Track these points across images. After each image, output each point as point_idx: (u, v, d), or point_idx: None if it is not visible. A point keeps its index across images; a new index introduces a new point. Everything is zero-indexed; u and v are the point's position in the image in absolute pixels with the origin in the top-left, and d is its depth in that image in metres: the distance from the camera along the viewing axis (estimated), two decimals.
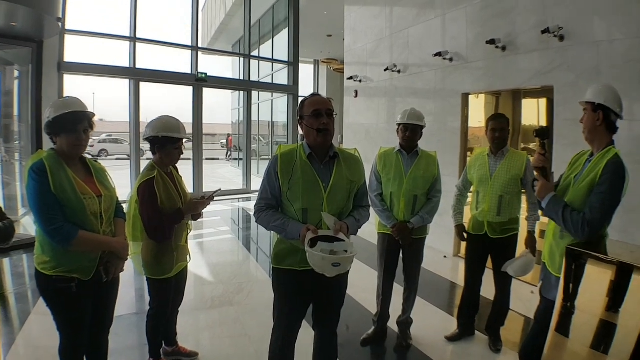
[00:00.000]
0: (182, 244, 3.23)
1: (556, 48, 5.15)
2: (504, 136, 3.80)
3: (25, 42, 7.64)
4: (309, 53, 21.16)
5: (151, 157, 3.24)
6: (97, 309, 2.63)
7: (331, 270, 2.26)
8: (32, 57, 7.89)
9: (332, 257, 2.26)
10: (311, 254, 2.26)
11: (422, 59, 7.58)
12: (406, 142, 3.89)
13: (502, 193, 3.72)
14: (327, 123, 2.49)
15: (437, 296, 5.15)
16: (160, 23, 15.40)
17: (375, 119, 9.19)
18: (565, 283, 2.29)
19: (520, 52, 5.66)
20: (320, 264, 2.27)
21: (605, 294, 2.11)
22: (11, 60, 8.24)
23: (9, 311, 4.62)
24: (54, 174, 2.34)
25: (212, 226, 8.83)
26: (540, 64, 5.38)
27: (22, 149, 8.30)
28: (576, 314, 2.23)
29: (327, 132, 2.50)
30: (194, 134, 12.44)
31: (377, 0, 9.05)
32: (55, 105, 2.49)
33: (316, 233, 2.36)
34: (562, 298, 2.29)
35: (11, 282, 5.44)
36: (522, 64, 5.65)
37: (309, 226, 2.38)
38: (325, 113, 2.49)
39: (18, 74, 8.46)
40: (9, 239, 2.29)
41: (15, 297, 4.91)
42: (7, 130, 8.34)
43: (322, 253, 2.29)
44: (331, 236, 2.39)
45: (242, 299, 5.00)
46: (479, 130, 6.69)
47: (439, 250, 6.73)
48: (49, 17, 6.57)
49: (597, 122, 2.45)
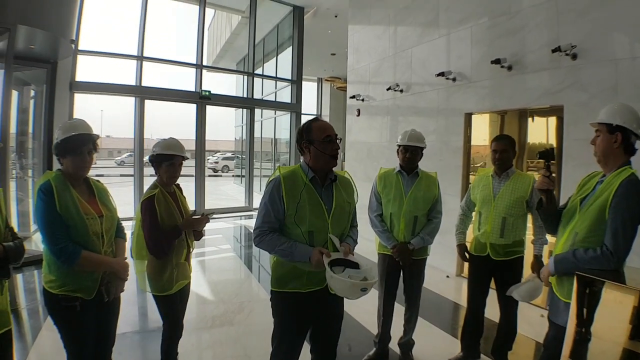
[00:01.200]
0: (182, 262, 3.22)
1: (568, 67, 5.09)
2: (506, 157, 3.75)
3: (41, 63, 7.87)
4: (312, 71, 21.27)
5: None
6: (100, 328, 2.65)
7: (358, 295, 2.33)
8: (46, 78, 8.12)
9: (361, 283, 2.33)
10: (336, 279, 2.32)
11: (425, 79, 7.60)
12: (406, 163, 3.89)
13: (505, 215, 3.68)
14: (338, 149, 2.57)
15: (440, 317, 5.09)
16: (166, 41, 15.56)
17: (377, 138, 9.21)
18: (578, 309, 2.21)
19: (528, 71, 5.63)
20: (348, 289, 2.35)
21: (628, 321, 2.03)
22: (28, 81, 8.48)
23: (22, 326, 4.65)
24: (59, 194, 2.41)
25: (214, 244, 8.80)
26: (549, 83, 5.34)
27: (34, 165, 8.48)
28: (592, 341, 2.16)
29: (337, 157, 2.58)
30: (197, 150, 12.50)
31: (381, 20, 9.12)
32: (63, 127, 2.57)
33: (329, 256, 2.39)
34: (575, 324, 2.22)
35: (24, 297, 5.48)
36: (529, 83, 5.62)
37: (321, 249, 2.42)
38: (338, 139, 2.58)
39: (34, 93, 8.71)
40: (20, 258, 2.29)
41: (28, 313, 4.97)
42: (22, 147, 8.52)
43: (350, 279, 2.35)
44: (343, 259, 2.45)
45: (243, 318, 4.96)
46: (483, 148, 6.68)
47: (441, 269, 6.67)
48: (64, 39, 6.74)
49: (614, 143, 2.36)
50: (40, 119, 8.39)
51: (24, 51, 6.92)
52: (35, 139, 8.54)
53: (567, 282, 2.39)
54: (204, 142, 12.58)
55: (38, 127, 8.46)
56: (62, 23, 6.61)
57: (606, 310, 2.13)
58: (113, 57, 11.28)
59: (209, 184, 13.64)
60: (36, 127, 8.56)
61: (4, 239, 2.29)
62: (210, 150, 36.74)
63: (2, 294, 2.23)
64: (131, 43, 11.40)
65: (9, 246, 2.21)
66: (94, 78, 10.73)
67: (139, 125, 11.29)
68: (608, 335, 2.14)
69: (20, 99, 8.38)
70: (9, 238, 2.33)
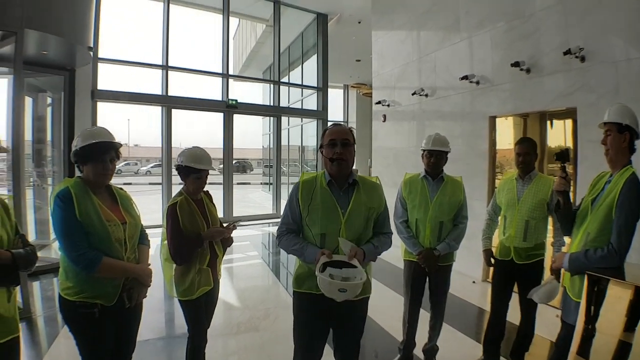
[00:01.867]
0: (205, 268, 3.23)
1: (577, 69, 5.11)
2: (528, 160, 3.73)
3: (57, 70, 7.84)
4: (338, 78, 21.29)
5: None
6: (120, 335, 2.66)
7: (338, 295, 2.33)
8: (64, 85, 8.12)
9: (338, 283, 2.32)
10: (320, 278, 2.34)
11: (449, 83, 7.58)
12: (431, 168, 3.87)
13: (528, 218, 3.66)
14: (341, 153, 2.56)
15: (465, 323, 5.06)
16: (194, 51, 15.82)
17: (403, 143, 9.19)
18: (586, 307, 2.28)
19: (545, 74, 5.63)
20: (328, 288, 2.35)
21: (624, 314, 2.12)
22: (43, 88, 8.48)
23: (37, 334, 4.73)
24: (79, 201, 2.41)
25: (241, 251, 8.86)
26: (563, 85, 5.34)
27: (54, 173, 8.50)
28: (597, 337, 2.23)
29: (341, 161, 2.57)
30: (225, 159, 12.67)
31: (404, 25, 9.13)
32: (82, 135, 2.57)
33: (330, 257, 2.41)
34: (583, 321, 2.28)
35: (41, 305, 5.53)
36: (546, 86, 5.61)
37: (323, 250, 2.46)
38: (341, 143, 2.57)
39: (51, 100, 8.70)
40: (30, 265, 2.31)
41: (44, 320, 5.02)
42: (39, 155, 8.53)
43: (329, 278, 2.34)
44: (346, 262, 2.43)
45: (269, 325, 5.00)
46: (509, 152, 6.61)
47: (467, 275, 6.60)
48: (80, 46, 6.77)
49: (623, 142, 2.44)
50: (58, 126, 8.40)
51: (37, 57, 6.94)
52: (54, 147, 8.56)
53: (579, 282, 2.43)
54: (232, 150, 12.76)
55: (57, 135, 8.47)
56: (77, 29, 6.65)
57: (609, 306, 2.21)
58: (137, 66, 11.54)
59: (237, 191, 13.76)
60: (55, 135, 8.57)
61: (14, 246, 2.30)
62: (238, 159, 37.08)
63: (9, 302, 2.23)
64: (157, 52, 11.64)
65: (18, 253, 2.21)
66: (119, 87, 10.95)
67: (166, 134, 11.50)
68: (609, 329, 2.21)
69: (35, 106, 8.43)
70: (19, 245, 2.32)
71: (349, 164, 2.61)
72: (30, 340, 4.57)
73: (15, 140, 5.18)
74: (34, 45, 6.39)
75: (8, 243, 2.27)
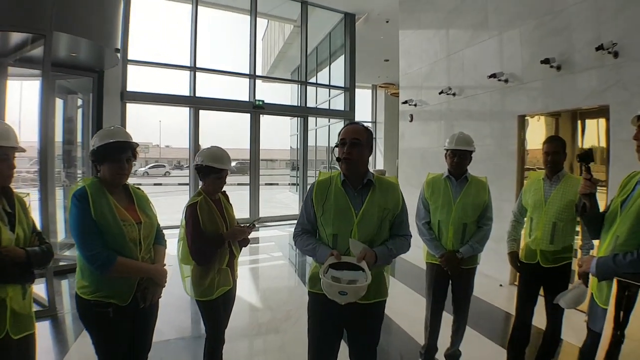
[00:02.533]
0: (224, 268, 3.22)
1: (610, 65, 4.93)
2: (557, 160, 3.57)
3: (86, 72, 7.98)
4: (366, 78, 21.20)
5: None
6: (135, 335, 2.65)
7: (339, 297, 2.29)
8: (92, 87, 8.29)
9: (338, 285, 2.29)
10: (322, 279, 2.32)
11: (477, 81, 7.42)
12: (454, 168, 3.76)
13: (555, 220, 3.50)
14: (349, 152, 2.51)
15: (490, 327, 4.90)
16: (221, 53, 15.99)
17: (430, 143, 9.03)
18: (615, 313, 2.14)
19: (576, 71, 5.45)
20: (329, 290, 2.32)
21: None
22: (74, 89, 8.65)
23: (61, 331, 4.80)
24: (95, 200, 2.43)
25: (266, 252, 8.87)
26: (595, 82, 5.15)
27: (83, 174, 8.63)
28: (625, 343, 2.11)
29: (348, 161, 2.52)
30: (251, 159, 12.73)
31: (431, 23, 9.00)
32: (100, 134, 2.60)
33: (339, 259, 2.37)
34: (612, 327, 2.15)
35: (68, 303, 5.61)
36: (577, 83, 5.43)
37: (333, 251, 2.41)
38: (350, 142, 2.51)
39: (81, 102, 8.87)
40: (45, 263, 2.35)
41: (72, 318, 5.07)
42: (68, 156, 8.69)
43: (330, 281, 2.30)
44: (355, 264, 2.37)
45: (289, 326, 4.95)
46: (539, 152, 6.42)
47: (494, 278, 6.44)
48: (108, 48, 6.86)
49: None
50: (87, 128, 8.56)
51: (67, 59, 7.07)
52: (84, 148, 8.70)
53: (607, 288, 2.30)
54: (259, 151, 12.79)
55: (86, 137, 8.63)
56: (104, 31, 6.72)
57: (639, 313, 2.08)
58: (165, 68, 11.67)
59: (265, 192, 13.79)
60: (84, 136, 8.73)
61: (31, 243, 2.33)
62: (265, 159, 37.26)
63: (24, 299, 2.25)
64: (184, 54, 11.75)
65: (33, 251, 2.25)
66: (148, 88, 11.13)
67: (194, 135, 11.59)
68: (637, 336, 2.09)
69: (65, 107, 8.59)
70: (35, 243, 2.35)
71: (357, 164, 2.55)
72: (55, 337, 4.65)
73: (43, 141, 5.25)
74: (64, 48, 6.51)
75: (24, 241, 2.30)
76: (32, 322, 2.32)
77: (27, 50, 5.81)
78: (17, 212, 2.31)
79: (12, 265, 2.14)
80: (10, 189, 2.34)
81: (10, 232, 2.22)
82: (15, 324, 2.18)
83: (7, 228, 2.21)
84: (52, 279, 5.19)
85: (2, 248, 2.13)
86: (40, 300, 5.19)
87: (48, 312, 5.06)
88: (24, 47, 5.83)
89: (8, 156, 2.25)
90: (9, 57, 6.15)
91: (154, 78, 11.85)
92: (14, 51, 6.05)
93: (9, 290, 2.16)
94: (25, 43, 5.75)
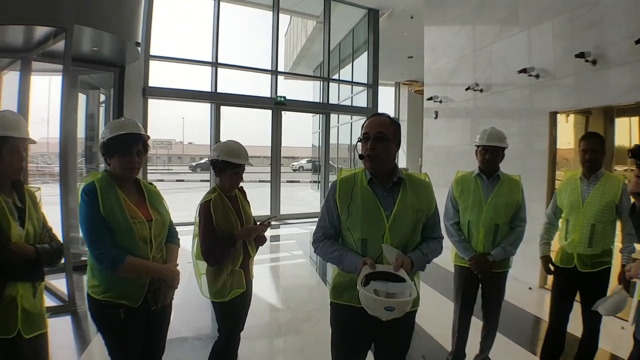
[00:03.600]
0: (237, 269, 3.09)
1: None
2: (596, 158, 3.36)
3: (107, 67, 7.94)
4: (390, 75, 20.96)
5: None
6: (148, 337, 2.54)
7: (384, 314, 2.00)
8: (114, 82, 8.25)
9: (385, 300, 2.01)
10: (363, 294, 2.03)
11: (505, 77, 7.19)
12: (486, 165, 3.56)
13: (594, 222, 3.29)
14: (373, 148, 2.24)
15: (520, 332, 4.68)
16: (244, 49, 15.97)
17: (456, 141, 8.81)
18: None
19: (612, 66, 5.18)
20: (372, 305, 2.03)
21: None
22: (96, 85, 8.62)
23: (81, 327, 4.76)
24: (104, 196, 2.31)
25: (287, 250, 8.77)
26: (633, 77, 4.88)
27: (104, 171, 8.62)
28: None
29: (374, 157, 2.25)
30: (272, 156, 12.63)
31: (457, 18, 8.78)
32: (110, 126, 2.47)
33: (374, 268, 2.11)
34: None
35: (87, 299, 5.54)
36: (614, 79, 5.17)
37: (366, 259, 2.14)
38: (373, 137, 2.25)
39: (104, 98, 8.84)
40: (55, 261, 2.27)
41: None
42: (90, 152, 8.66)
43: (373, 295, 2.03)
44: (391, 273, 2.11)
45: (310, 327, 4.80)
46: (567, 152, 6.23)
47: (523, 281, 6.21)
48: (129, 42, 6.82)
49: None
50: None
51: (89, 54, 7.05)
52: None
53: None
54: (280, 147, 12.69)
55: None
56: (125, 25, 6.66)
57: None
58: (187, 64, 11.65)
59: (286, 189, 13.70)
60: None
61: (41, 240, 2.24)
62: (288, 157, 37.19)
63: (35, 297, 2.17)
64: (206, 50, 11.72)
65: (42, 248, 2.16)
66: (171, 84, 11.11)
67: (215, 131, 11.54)
68: None
69: (87, 102, 8.56)
70: (45, 239, 2.27)
71: (383, 161, 2.27)
72: (75, 332, 4.63)
73: (63, 136, 5.19)
74: (86, 42, 6.48)
75: (34, 237, 2.22)
76: (43, 320, 2.25)
77: (49, 45, 5.77)
78: (27, 207, 2.22)
79: (21, 262, 2.06)
80: (21, 182, 2.27)
81: (20, 227, 2.14)
82: (27, 322, 2.11)
83: (17, 223, 2.14)
84: (72, 274, 5.14)
85: (12, 244, 2.05)
86: (61, 295, 5.18)
87: (68, 307, 5.03)
88: (47, 42, 5.80)
89: (18, 148, 2.15)
90: (33, 52, 6.13)
91: (176, 74, 11.84)
92: (37, 46, 6.04)
93: (20, 288, 2.09)
94: (48, 37, 5.72)
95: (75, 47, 5.74)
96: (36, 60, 6.25)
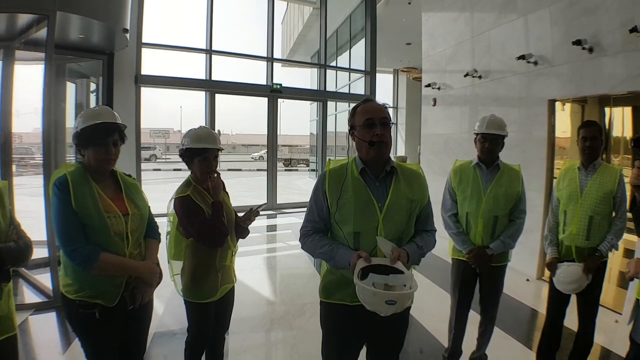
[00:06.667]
0: (227, 264, 2.94)
1: None
2: (595, 146, 3.24)
3: (95, 55, 7.77)
4: (388, 62, 20.84)
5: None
6: (127, 338, 2.41)
7: (385, 308, 1.88)
8: (102, 69, 8.11)
9: (386, 293, 1.88)
10: (361, 287, 1.91)
11: (504, 63, 7.05)
12: (485, 154, 3.42)
13: (592, 213, 3.18)
14: (382, 134, 2.12)
15: (517, 326, 4.57)
16: (239, 36, 15.87)
17: (454, 129, 8.69)
18: None
19: (608, 54, 5.05)
20: (372, 300, 1.91)
21: None
22: (86, 73, 8.44)
23: (67, 323, 4.59)
24: (76, 189, 2.17)
25: (282, 240, 8.65)
26: (629, 67, 4.76)
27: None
28: None
29: (382, 144, 2.13)
30: (269, 144, 12.55)
31: (455, 4, 8.62)
32: (84, 115, 2.32)
33: (369, 261, 1.99)
34: None
35: None
36: (609, 68, 5.05)
37: (360, 253, 2.02)
38: (380, 122, 2.13)
39: (95, 87, 8.68)
40: (22, 260, 2.13)
41: None
42: None
43: (374, 287, 1.92)
44: (387, 266, 2.00)
45: (303, 322, 4.67)
46: (564, 140, 6.16)
47: (521, 272, 6.08)
48: (117, 29, 6.67)
49: None
50: None
51: (76, 41, 6.87)
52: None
53: None
54: (276, 135, 12.58)
55: None
56: (112, 11, 6.49)
57: None
58: (181, 51, 11.52)
59: (283, 178, 13.55)
60: None
61: (8, 237, 2.10)
62: (286, 145, 36.90)
63: (1, 299, 2.03)
64: (200, 37, 11.59)
65: (7, 247, 2.02)
66: (165, 72, 11.00)
67: (210, 119, 11.43)
68: None
69: (77, 91, 8.37)
70: (13, 237, 2.12)
71: (389, 147, 2.17)
72: (60, 329, 4.47)
73: (46, 126, 5.01)
74: (72, 29, 6.30)
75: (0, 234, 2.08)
76: (12, 323, 2.12)
77: (32, 33, 5.59)
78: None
79: None
80: None
81: None
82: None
83: None
84: (57, 270, 4.99)
85: None
86: (46, 290, 5.07)
87: (53, 303, 4.87)
88: (29, 30, 5.62)
89: None
90: (15, 41, 5.94)
91: (170, 62, 11.69)
92: (19, 34, 5.86)
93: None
94: (30, 25, 5.53)
95: (62, 34, 5.58)
96: (19, 49, 6.03)
